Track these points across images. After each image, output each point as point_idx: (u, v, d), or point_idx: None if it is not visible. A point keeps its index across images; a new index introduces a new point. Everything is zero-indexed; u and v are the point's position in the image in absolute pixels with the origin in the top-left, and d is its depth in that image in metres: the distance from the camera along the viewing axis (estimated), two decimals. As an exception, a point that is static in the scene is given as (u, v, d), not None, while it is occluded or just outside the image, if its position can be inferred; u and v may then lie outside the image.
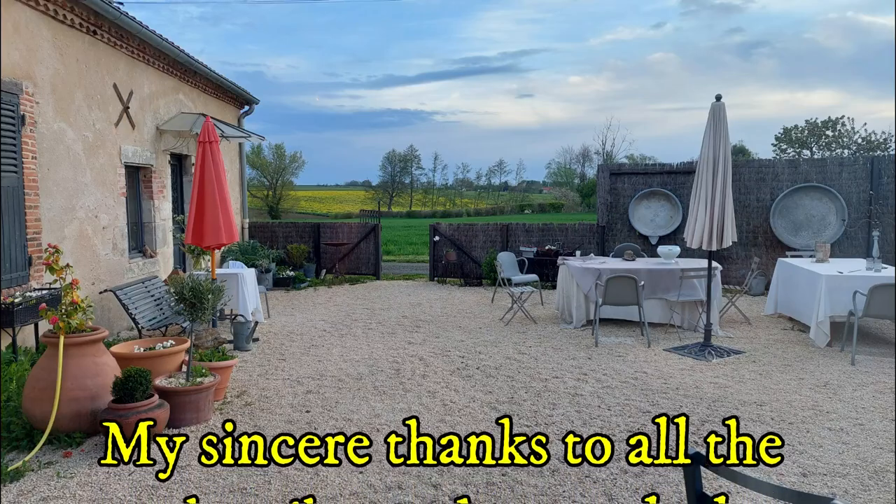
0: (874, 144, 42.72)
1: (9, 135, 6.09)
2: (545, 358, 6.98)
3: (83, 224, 7.49)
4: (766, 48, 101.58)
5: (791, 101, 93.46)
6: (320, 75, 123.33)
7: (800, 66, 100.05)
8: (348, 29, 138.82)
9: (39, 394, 4.53)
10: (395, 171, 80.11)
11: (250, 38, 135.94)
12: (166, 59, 9.69)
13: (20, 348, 5.92)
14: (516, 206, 70.07)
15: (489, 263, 12.51)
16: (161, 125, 9.67)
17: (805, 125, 46.79)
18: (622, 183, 12.64)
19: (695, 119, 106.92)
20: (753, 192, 11.93)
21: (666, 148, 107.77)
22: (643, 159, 60.78)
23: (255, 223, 14.76)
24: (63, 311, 4.72)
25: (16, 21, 6.34)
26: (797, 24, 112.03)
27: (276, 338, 8.07)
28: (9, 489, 3.88)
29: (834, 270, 7.65)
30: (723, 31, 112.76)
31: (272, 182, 62.26)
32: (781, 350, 7.29)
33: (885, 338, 7.88)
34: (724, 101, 7.01)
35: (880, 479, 3.99)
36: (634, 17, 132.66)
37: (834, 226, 11.39)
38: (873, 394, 5.68)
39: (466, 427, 4.88)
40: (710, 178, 6.98)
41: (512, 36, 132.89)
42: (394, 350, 7.39)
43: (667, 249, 8.96)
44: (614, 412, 5.20)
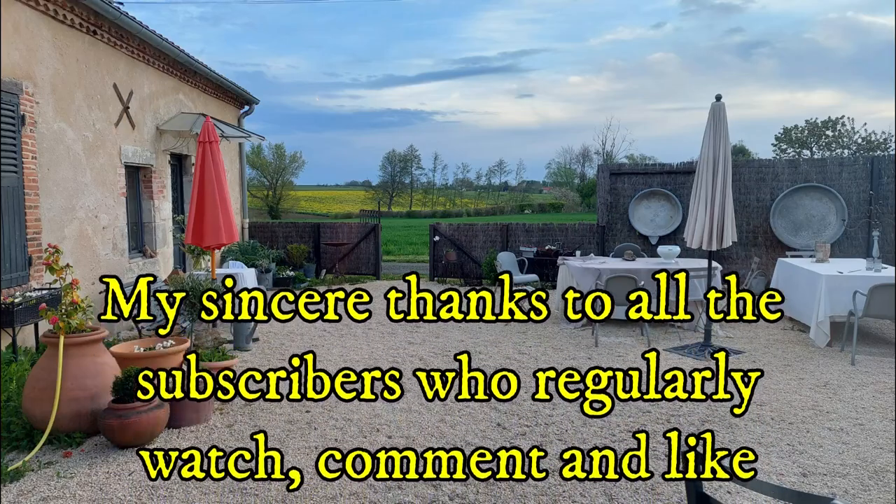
0: (874, 144, 42.72)
1: (9, 135, 6.09)
2: (545, 358, 6.98)
3: (83, 224, 7.49)
4: (766, 48, 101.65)
5: (791, 101, 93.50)
6: (320, 75, 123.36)
7: (800, 66, 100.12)
8: (348, 29, 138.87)
9: (39, 394, 4.53)
10: (395, 171, 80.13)
11: (250, 38, 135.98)
12: (166, 59, 9.69)
13: (20, 348, 5.92)
14: (516, 206, 70.06)
15: (489, 263, 12.51)
16: (161, 125, 9.67)
17: (805, 125, 46.79)
18: (622, 183, 12.64)
19: (695, 119, 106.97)
20: (753, 192, 11.93)
21: (666, 148, 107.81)
22: (643, 159, 60.76)
23: (255, 223, 14.76)
24: (63, 311, 4.72)
25: (16, 21, 6.34)
26: (797, 24, 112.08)
27: (275, 338, 8.07)
28: (9, 489, 3.88)
29: (834, 270, 7.65)
30: (723, 31, 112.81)
31: (272, 182, 62.24)
32: (781, 350, 7.29)
33: (885, 338, 7.88)
34: (724, 101, 7.01)
35: (880, 479, 3.98)
36: (634, 17, 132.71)
37: (834, 226, 11.39)
38: (873, 394, 5.68)
39: (466, 427, 4.88)
40: (710, 178, 6.98)
41: (512, 36, 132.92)
42: (394, 350, 7.39)
43: (667, 249, 8.96)
44: (614, 412, 5.20)
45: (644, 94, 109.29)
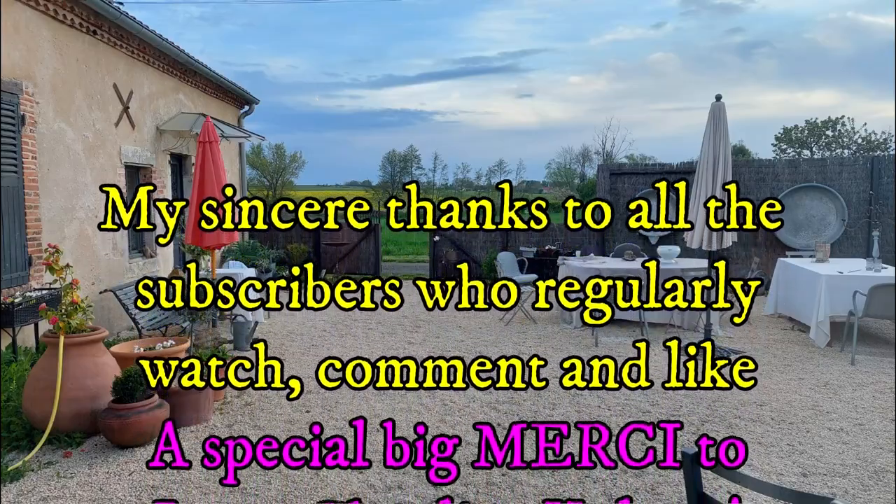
0: (874, 144, 42.70)
1: (9, 135, 6.09)
2: (545, 358, 6.97)
3: (83, 224, 7.49)
4: (766, 48, 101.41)
5: (791, 101, 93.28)
6: (320, 75, 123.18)
7: (800, 66, 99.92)
8: (348, 29, 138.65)
9: (39, 394, 4.53)
10: (395, 171, 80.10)
11: (250, 38, 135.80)
12: (166, 59, 9.69)
13: (20, 348, 5.92)
14: (516, 206, 70.07)
15: (489, 263, 12.51)
16: (161, 125, 9.67)
17: (805, 125, 46.77)
18: (622, 183, 12.64)
19: (695, 119, 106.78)
20: (753, 192, 11.93)
21: (666, 148, 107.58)
22: (643, 159, 60.65)
23: (255, 223, 14.78)
24: (63, 311, 4.72)
25: (16, 21, 6.34)
26: (797, 24, 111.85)
27: (275, 338, 8.07)
28: (9, 489, 3.88)
29: (834, 270, 7.65)
30: (723, 31, 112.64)
31: (272, 182, 62.20)
32: (781, 350, 7.29)
33: (885, 338, 7.88)
34: (724, 101, 7.01)
35: (880, 479, 3.99)
36: (634, 17, 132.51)
37: (834, 226, 11.39)
38: (873, 394, 5.68)
39: (466, 427, 4.88)
40: (710, 178, 6.98)
41: (512, 36, 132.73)
42: (394, 350, 7.38)
43: (667, 249, 8.96)
44: (614, 412, 5.20)
45: (644, 94, 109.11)
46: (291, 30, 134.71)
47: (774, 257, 11.01)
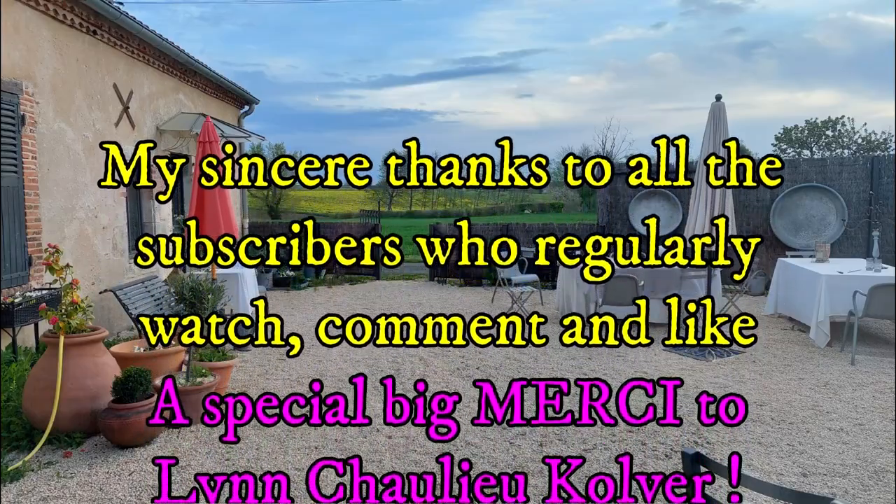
0: (874, 144, 42.73)
1: (9, 135, 6.09)
2: (545, 358, 6.97)
3: (83, 224, 7.49)
4: (766, 48, 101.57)
5: (791, 101, 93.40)
6: (320, 75, 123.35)
7: (800, 66, 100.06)
8: (348, 29, 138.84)
9: (39, 394, 4.53)
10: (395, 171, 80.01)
11: (250, 38, 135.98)
12: (166, 59, 9.69)
13: (20, 348, 5.92)
14: (516, 205, 70.03)
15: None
16: (161, 125, 9.67)
17: (805, 125, 46.82)
18: (622, 183, 12.64)
19: (695, 119, 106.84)
20: (753, 191, 11.92)
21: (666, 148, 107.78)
22: (643, 159, 60.65)
23: (255, 223, 14.78)
24: (63, 311, 4.72)
25: (16, 21, 6.34)
26: (797, 24, 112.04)
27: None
28: (9, 489, 3.88)
29: (834, 270, 7.65)
30: (723, 31, 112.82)
31: (272, 182, 62.16)
32: (781, 350, 7.29)
33: (885, 338, 7.88)
34: (724, 101, 7.01)
35: (880, 479, 3.99)
36: (634, 17, 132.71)
37: (834, 226, 11.39)
38: (873, 394, 5.68)
39: (465, 428, 4.88)
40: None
41: (512, 36, 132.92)
42: (393, 350, 7.37)
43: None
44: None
45: (644, 94, 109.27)
46: (291, 30, 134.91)
47: (774, 257, 11.01)
